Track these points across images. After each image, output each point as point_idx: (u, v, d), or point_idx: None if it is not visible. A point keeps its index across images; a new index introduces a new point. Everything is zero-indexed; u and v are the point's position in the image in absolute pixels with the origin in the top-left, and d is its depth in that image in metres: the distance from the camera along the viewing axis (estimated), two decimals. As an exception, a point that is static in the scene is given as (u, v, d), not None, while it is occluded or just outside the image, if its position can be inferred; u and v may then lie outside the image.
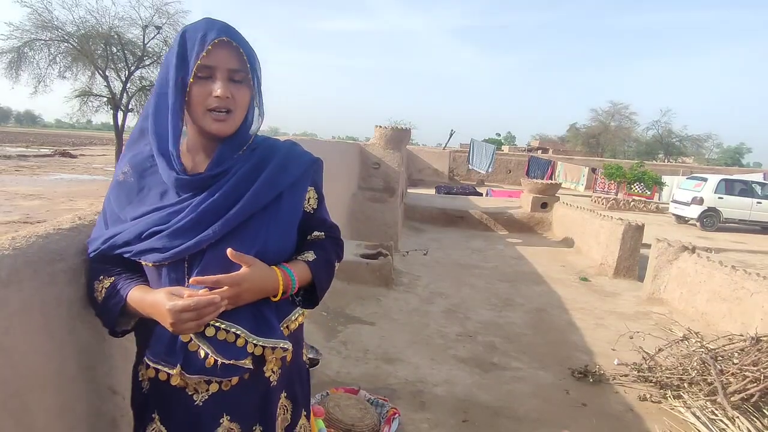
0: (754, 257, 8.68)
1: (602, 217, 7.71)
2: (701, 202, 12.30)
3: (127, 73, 16.35)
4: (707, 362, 3.05)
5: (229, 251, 0.94)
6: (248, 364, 0.97)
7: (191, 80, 0.94)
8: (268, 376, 1.04)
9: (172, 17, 16.30)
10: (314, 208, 1.14)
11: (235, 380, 0.99)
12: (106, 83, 16.30)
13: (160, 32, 16.21)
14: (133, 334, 1.08)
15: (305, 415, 1.18)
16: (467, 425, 2.78)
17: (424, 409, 2.92)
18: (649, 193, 17.18)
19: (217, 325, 0.95)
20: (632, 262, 6.68)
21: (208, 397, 0.99)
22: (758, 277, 4.25)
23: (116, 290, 0.99)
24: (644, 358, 3.58)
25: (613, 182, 17.68)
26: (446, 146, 23.95)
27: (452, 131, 23.00)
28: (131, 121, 17.50)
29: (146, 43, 16.30)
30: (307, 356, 1.25)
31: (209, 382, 0.98)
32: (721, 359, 3.13)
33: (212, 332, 0.95)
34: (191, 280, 0.94)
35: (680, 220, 13.14)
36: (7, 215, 8.56)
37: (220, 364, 0.95)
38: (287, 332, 1.06)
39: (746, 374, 2.78)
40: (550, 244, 9.03)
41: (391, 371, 3.38)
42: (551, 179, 17.64)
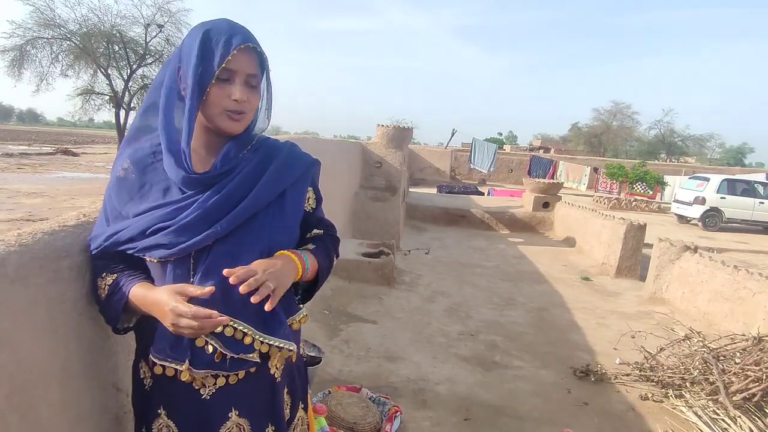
0: (756, 257, 8.68)
1: (604, 216, 7.70)
2: (703, 201, 12.28)
3: (129, 71, 16.41)
4: (709, 362, 3.05)
5: (225, 271, 0.92)
6: (255, 357, 0.99)
7: (213, 81, 0.95)
8: (272, 372, 1.06)
9: (173, 16, 16.35)
10: (313, 207, 1.16)
11: (241, 374, 1.01)
12: (108, 81, 16.37)
13: (162, 31, 16.26)
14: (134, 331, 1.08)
15: (303, 407, 1.19)
16: (469, 423, 2.79)
17: (425, 407, 2.92)
18: (651, 192, 17.15)
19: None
20: (634, 261, 6.68)
21: (215, 390, 1.01)
22: (760, 277, 4.24)
23: (119, 287, 1.00)
24: (646, 357, 3.58)
25: (615, 182, 17.67)
26: (448, 145, 23.94)
27: (454, 130, 22.97)
28: (133, 119, 17.53)
29: (148, 41, 16.35)
30: (305, 352, 1.26)
31: (216, 376, 0.99)
32: (723, 359, 3.13)
33: (220, 328, 0.96)
34: (224, 271, 0.92)
35: (682, 220, 13.12)
36: (9, 213, 8.58)
37: (229, 358, 0.97)
38: (293, 328, 1.08)
39: (748, 374, 2.78)
40: (551, 243, 9.03)
41: (393, 369, 3.39)
42: (553, 179, 17.62)
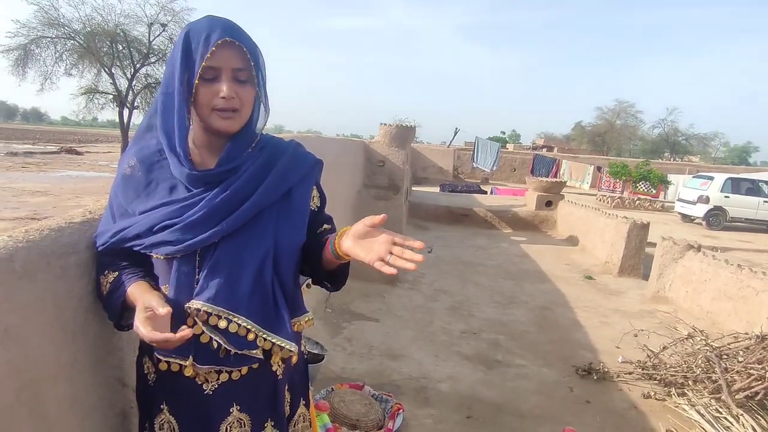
0: (760, 256, 8.65)
1: (607, 215, 7.69)
2: (707, 200, 12.24)
3: (132, 70, 16.44)
4: (712, 360, 3.05)
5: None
6: (259, 354, 1.00)
7: (197, 81, 0.95)
8: (274, 369, 1.07)
9: (177, 15, 16.36)
10: (318, 206, 1.16)
11: (244, 370, 1.03)
12: (111, 80, 16.39)
13: (165, 30, 16.28)
14: None
15: (304, 404, 1.20)
16: (471, 421, 2.80)
17: (428, 404, 2.94)
18: (654, 191, 17.08)
19: (230, 317, 0.97)
20: (637, 260, 6.67)
21: (217, 386, 1.02)
22: (764, 275, 4.24)
23: (119, 284, 1.01)
24: (649, 356, 3.58)
25: (618, 181, 17.61)
26: (451, 144, 23.90)
27: (457, 129, 22.95)
28: (137, 118, 17.54)
29: (152, 40, 16.37)
30: (306, 349, 1.27)
31: (219, 371, 1.01)
32: (725, 357, 3.13)
33: (225, 324, 0.97)
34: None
35: (686, 218, 13.07)
36: (14, 211, 8.64)
37: (233, 353, 0.98)
38: (295, 329, 1.08)
39: (751, 372, 2.78)
40: (554, 242, 9.02)
41: (395, 367, 3.40)
42: (556, 177, 17.57)
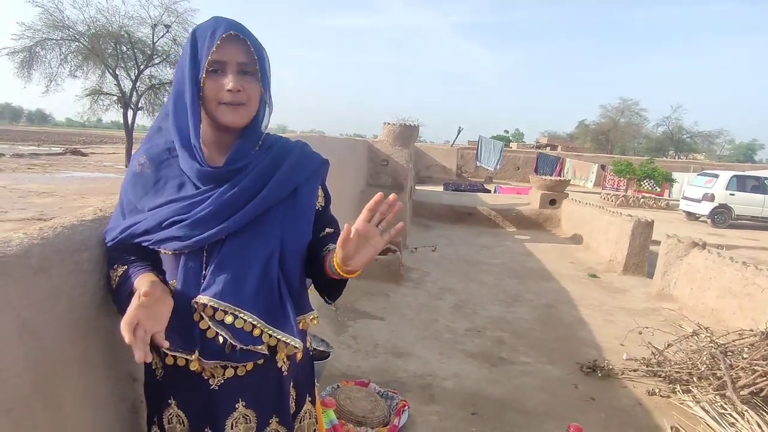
0: (766, 254, 8.61)
1: (611, 213, 7.67)
2: (712, 198, 12.19)
3: (136, 71, 16.53)
4: (716, 357, 3.05)
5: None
6: (264, 350, 1.01)
7: (203, 76, 0.97)
8: (280, 366, 1.09)
9: (180, 16, 16.45)
10: (322, 206, 1.18)
11: (249, 366, 1.04)
12: (116, 82, 16.49)
13: (169, 31, 16.36)
14: None
15: (310, 400, 1.21)
16: (476, 418, 2.81)
17: (433, 401, 2.95)
18: (659, 189, 17.02)
19: (236, 313, 0.99)
20: (641, 258, 6.66)
21: (223, 381, 1.03)
22: (769, 273, 4.23)
23: (127, 277, 1.03)
24: (653, 353, 3.58)
25: (622, 179, 17.55)
26: (454, 143, 23.89)
27: (460, 128, 22.95)
28: (141, 119, 17.68)
29: (155, 41, 16.46)
30: (312, 346, 1.28)
31: (225, 367, 1.02)
32: (730, 354, 3.13)
33: (231, 320, 0.99)
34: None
35: (691, 216, 13.02)
36: (21, 212, 8.69)
37: (238, 349, 0.99)
38: (300, 327, 1.09)
39: (755, 369, 2.78)
40: (558, 240, 9.01)
41: (400, 365, 3.42)
42: (560, 176, 17.54)
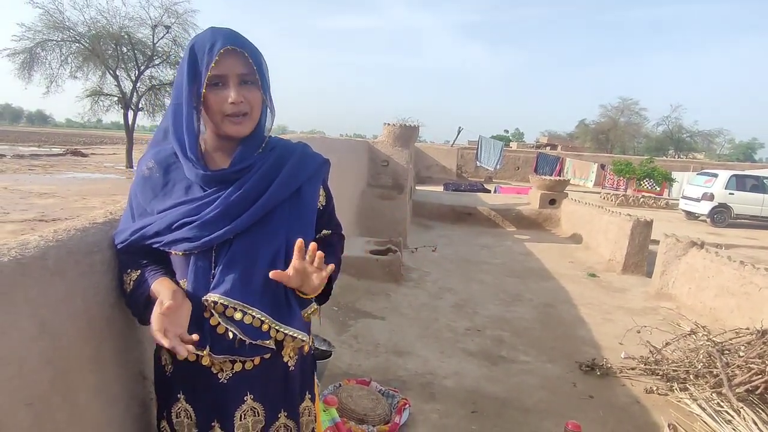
0: (765, 253, 8.64)
1: (611, 213, 7.71)
2: (712, 198, 12.22)
3: (137, 72, 16.57)
4: (713, 355, 3.09)
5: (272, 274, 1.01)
6: (271, 344, 1.06)
7: (204, 90, 1.01)
8: (286, 360, 1.13)
9: (180, 17, 16.50)
10: (323, 205, 1.22)
11: (257, 360, 1.09)
12: (116, 83, 16.54)
13: (169, 32, 16.41)
14: None
15: (309, 398, 1.24)
16: (476, 416, 2.85)
17: (434, 400, 2.99)
18: (658, 189, 17.07)
19: (244, 310, 1.03)
20: (641, 257, 6.69)
21: (232, 375, 1.08)
22: (766, 272, 4.26)
23: (143, 281, 1.07)
24: (651, 351, 3.62)
25: (622, 178, 17.60)
26: (454, 143, 23.91)
27: (460, 128, 22.92)
28: (141, 120, 17.72)
29: (156, 42, 16.50)
30: (313, 344, 1.32)
31: (234, 361, 1.07)
32: (727, 352, 3.17)
33: (240, 316, 1.03)
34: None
35: (690, 216, 13.06)
36: (23, 213, 8.73)
37: (247, 343, 1.04)
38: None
39: (751, 367, 2.82)
40: (558, 240, 9.05)
41: (401, 364, 3.45)
42: (560, 176, 17.58)
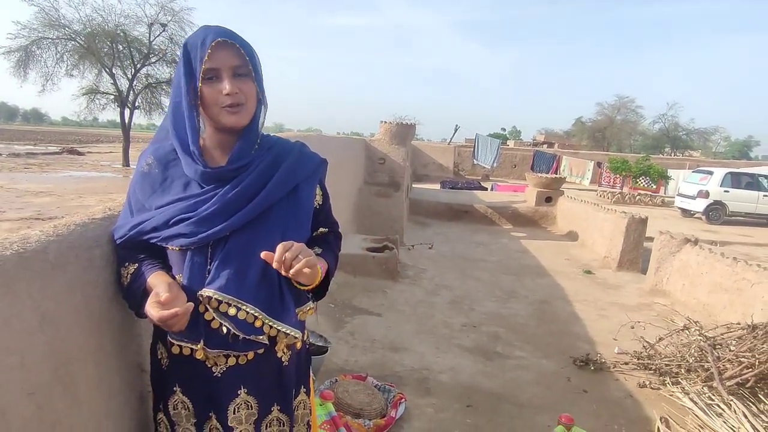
0: (759, 250, 8.72)
1: (606, 210, 7.76)
2: (707, 195, 12.31)
3: (133, 70, 16.51)
4: (705, 350, 3.13)
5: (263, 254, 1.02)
6: (264, 340, 1.08)
7: (200, 85, 1.02)
8: (279, 356, 1.15)
9: (177, 14, 16.43)
10: (320, 204, 1.24)
11: (251, 355, 1.11)
12: (112, 81, 16.47)
13: (165, 30, 16.35)
14: None
15: (305, 391, 1.27)
16: (471, 410, 2.88)
17: (429, 394, 3.02)
18: (654, 186, 17.15)
19: (238, 305, 1.05)
20: (636, 254, 6.74)
21: (226, 369, 1.10)
22: (758, 268, 4.31)
23: (139, 274, 1.09)
24: (645, 346, 3.66)
25: (618, 176, 17.67)
26: (451, 141, 23.96)
27: (457, 126, 22.98)
28: (138, 118, 17.63)
29: (152, 40, 16.44)
30: (309, 340, 1.35)
31: (227, 356, 1.09)
32: (719, 347, 3.22)
33: (234, 311, 1.05)
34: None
35: (686, 213, 13.14)
36: (19, 212, 8.71)
37: (241, 338, 1.06)
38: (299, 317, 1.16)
39: (742, 360, 2.86)
40: (554, 237, 9.09)
41: (397, 359, 3.49)
42: (556, 173, 17.63)
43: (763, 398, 2.76)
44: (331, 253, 1.23)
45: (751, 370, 2.76)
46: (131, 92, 16.76)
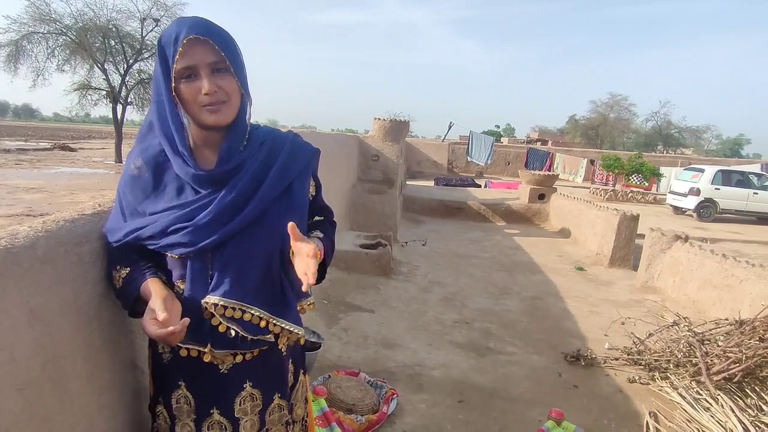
0: (748, 247, 8.83)
1: (598, 207, 7.81)
2: (698, 193, 12.41)
3: (125, 66, 16.38)
4: (693, 345, 3.17)
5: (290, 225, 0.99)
6: (271, 338, 1.11)
7: (175, 84, 0.99)
8: (280, 347, 1.19)
9: (169, 9, 16.30)
10: (313, 195, 1.24)
11: (256, 351, 1.13)
12: (104, 76, 16.34)
13: (158, 25, 16.21)
14: None
15: (303, 372, 1.33)
16: (463, 405, 2.91)
17: (421, 390, 3.04)
18: (646, 184, 17.28)
19: (243, 308, 1.07)
20: (627, 251, 6.80)
21: (232, 366, 1.12)
22: (747, 264, 4.37)
23: (132, 280, 1.08)
24: (634, 342, 3.70)
25: (611, 174, 17.79)
26: (445, 138, 23.99)
27: (451, 123, 23.01)
28: (130, 114, 17.49)
29: (144, 35, 16.32)
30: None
31: (234, 354, 1.11)
32: (707, 342, 3.25)
33: (240, 315, 1.07)
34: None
35: (677, 211, 13.25)
36: (9, 209, 8.63)
37: (249, 339, 1.09)
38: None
39: (729, 355, 2.90)
40: (547, 234, 9.14)
41: (390, 356, 3.50)
42: (550, 171, 17.71)
43: (749, 393, 2.80)
44: (327, 238, 1.23)
45: (738, 365, 2.80)
46: (123, 88, 16.63)
